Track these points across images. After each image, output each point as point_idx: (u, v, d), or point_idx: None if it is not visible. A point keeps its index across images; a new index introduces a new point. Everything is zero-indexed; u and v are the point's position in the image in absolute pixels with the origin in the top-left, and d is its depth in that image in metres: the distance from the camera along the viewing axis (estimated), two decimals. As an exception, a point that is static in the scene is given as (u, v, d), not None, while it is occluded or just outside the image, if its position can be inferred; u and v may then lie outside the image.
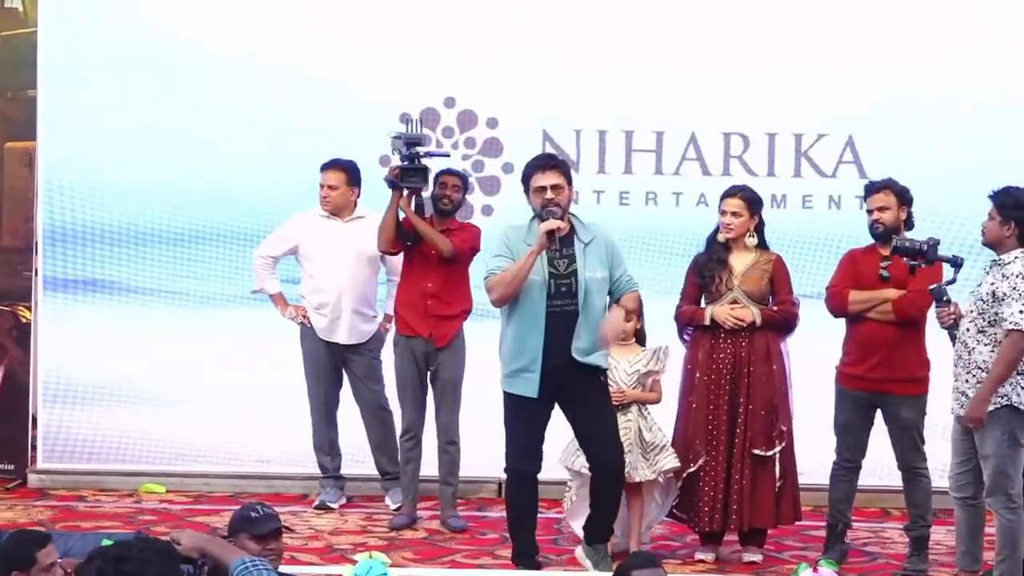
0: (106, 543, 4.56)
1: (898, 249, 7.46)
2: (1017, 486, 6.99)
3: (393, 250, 8.42)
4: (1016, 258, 6.98)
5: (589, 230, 7.42)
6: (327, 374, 8.91)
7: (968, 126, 9.16)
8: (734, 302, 7.78)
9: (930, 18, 9.21)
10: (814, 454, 8.04)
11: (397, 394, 8.57)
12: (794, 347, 7.90)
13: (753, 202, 7.86)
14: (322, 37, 9.35)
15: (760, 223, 7.90)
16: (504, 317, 7.45)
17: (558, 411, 7.48)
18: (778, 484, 7.75)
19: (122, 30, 9.40)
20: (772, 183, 9.24)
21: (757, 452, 7.71)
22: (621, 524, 7.74)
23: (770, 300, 7.83)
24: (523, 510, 7.55)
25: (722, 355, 7.76)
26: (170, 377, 9.42)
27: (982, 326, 6.99)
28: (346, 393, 8.98)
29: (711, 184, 9.07)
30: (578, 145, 9.39)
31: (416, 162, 8.21)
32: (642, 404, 7.82)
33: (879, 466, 8.15)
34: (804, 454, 7.90)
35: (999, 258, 7.04)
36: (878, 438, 7.78)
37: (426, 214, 8.42)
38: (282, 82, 9.34)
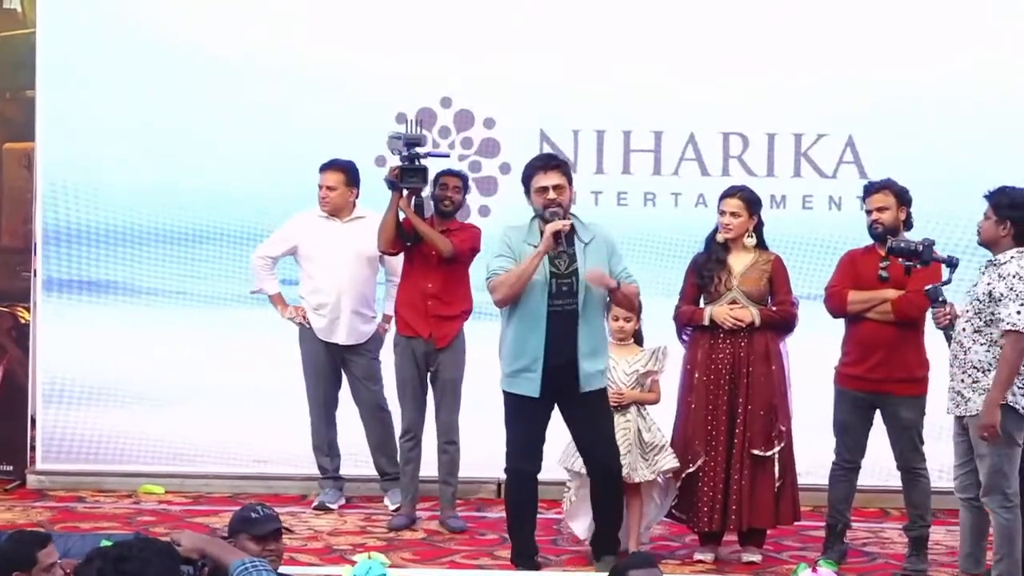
0: (105, 544, 4.55)
1: (893, 250, 7.46)
2: (1013, 485, 6.98)
3: (393, 250, 8.42)
4: (1012, 258, 6.97)
5: (589, 230, 7.42)
6: (326, 375, 8.90)
7: (968, 126, 9.15)
8: (733, 302, 7.77)
9: (930, 18, 9.20)
10: (813, 454, 8.03)
11: (397, 394, 8.57)
12: (793, 347, 7.89)
13: (752, 202, 7.85)
14: (322, 37, 9.34)
15: (759, 223, 7.89)
16: (504, 317, 7.44)
17: (558, 411, 7.48)
18: (777, 484, 7.75)
19: (121, 30, 9.39)
20: (772, 183, 9.23)
21: (756, 452, 7.71)
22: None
23: (769, 300, 7.83)
24: (523, 510, 7.55)
25: (721, 355, 7.75)
26: (169, 378, 9.42)
27: (978, 326, 6.99)
28: (345, 394, 8.98)
29: (710, 184, 9.05)
30: (576, 145, 9.36)
31: (416, 162, 8.20)
32: (641, 404, 7.81)
33: (878, 466, 8.14)
34: (803, 454, 7.89)
35: (995, 258, 7.04)
36: (877, 438, 7.78)
37: (426, 214, 8.42)
38: (282, 82, 9.33)
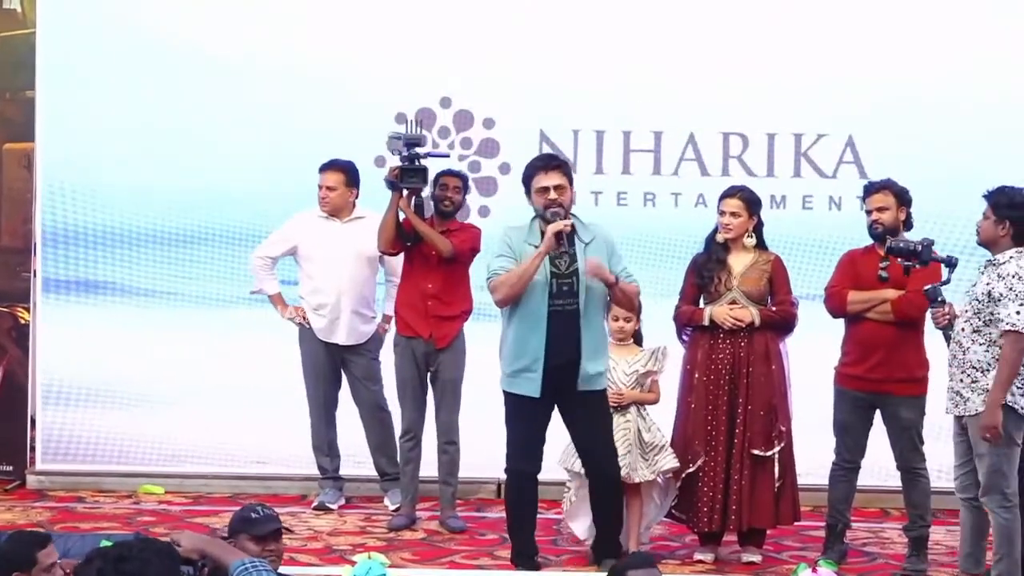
0: (105, 544, 4.55)
1: (892, 250, 7.45)
2: (1012, 485, 6.97)
3: (393, 251, 8.42)
4: (1011, 258, 6.98)
5: (590, 230, 7.41)
6: (326, 375, 8.90)
7: (968, 126, 9.15)
8: (733, 302, 7.77)
9: (930, 18, 9.20)
10: (813, 454, 8.02)
11: (397, 395, 8.56)
12: (793, 347, 7.89)
13: (752, 202, 7.85)
14: (322, 37, 9.34)
15: (759, 223, 7.89)
16: (505, 317, 7.44)
17: (558, 412, 7.48)
18: (777, 484, 7.74)
19: (121, 30, 9.39)
20: (772, 184, 9.23)
21: (756, 452, 7.70)
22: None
23: (769, 300, 7.83)
24: (523, 511, 7.54)
25: (721, 355, 7.75)
26: (169, 378, 9.41)
27: (977, 326, 6.99)
28: (345, 394, 8.98)
29: (710, 185, 9.05)
30: (576, 145, 9.35)
31: (416, 163, 8.20)
32: (641, 405, 7.81)
33: (878, 466, 8.14)
34: (803, 454, 7.89)
35: (994, 258, 7.04)
36: (877, 438, 7.77)
37: (426, 215, 8.42)
38: (282, 82, 9.33)
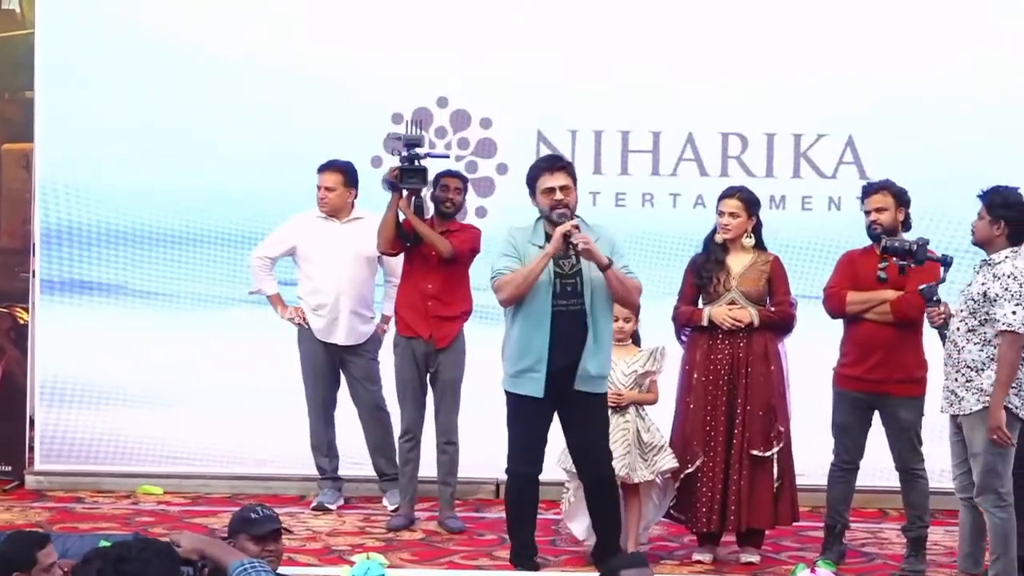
0: (104, 544, 4.55)
1: (888, 249, 7.46)
2: (1007, 484, 6.99)
3: (393, 251, 8.41)
4: (1006, 258, 6.99)
5: (593, 231, 7.39)
6: (325, 375, 8.90)
7: (968, 126, 9.15)
8: (732, 303, 7.77)
9: (930, 18, 9.19)
10: (812, 455, 8.01)
11: (397, 395, 8.56)
12: (792, 348, 7.88)
13: (751, 203, 7.85)
14: (321, 37, 9.33)
15: (758, 224, 7.89)
16: (509, 317, 7.42)
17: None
18: (776, 485, 7.74)
19: (121, 30, 9.38)
20: (771, 184, 9.22)
21: (755, 453, 7.71)
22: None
23: (767, 301, 7.83)
24: (522, 512, 7.52)
25: (720, 356, 7.75)
26: (168, 378, 9.41)
27: (972, 325, 7.00)
28: (344, 394, 8.98)
29: (709, 185, 9.04)
30: (574, 146, 9.33)
31: (415, 163, 8.19)
32: (640, 405, 7.81)
33: (877, 467, 8.12)
34: (802, 455, 7.88)
35: (989, 258, 7.05)
36: (876, 439, 7.77)
37: (425, 215, 8.41)
38: (282, 82, 9.32)
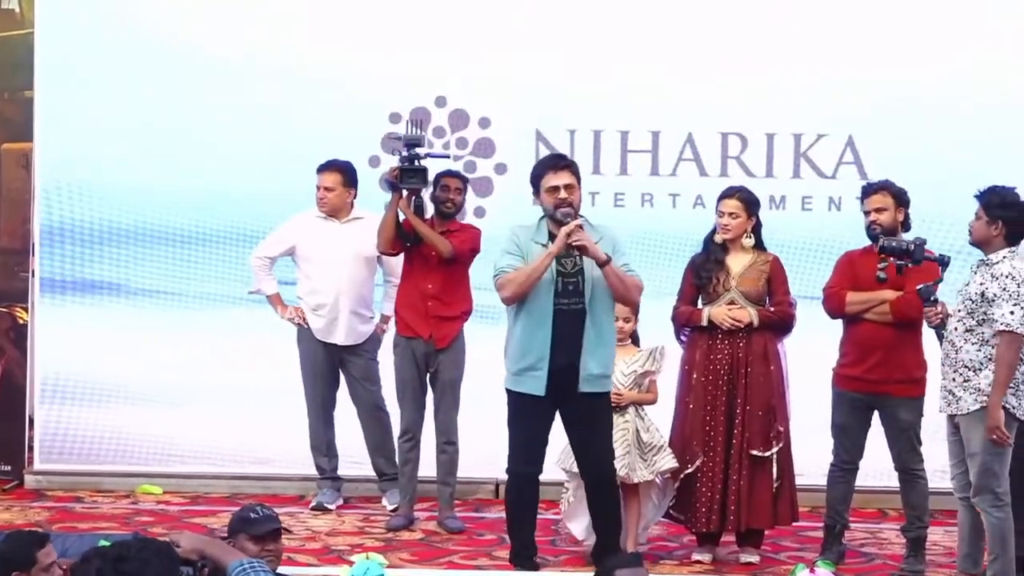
0: (103, 544, 4.55)
1: (885, 249, 7.45)
2: (1004, 484, 6.99)
3: (393, 251, 8.41)
4: (1004, 258, 6.99)
5: (596, 230, 7.39)
6: (324, 375, 8.90)
7: (968, 126, 9.14)
8: (731, 303, 7.77)
9: (930, 18, 9.19)
10: (811, 455, 8.01)
11: (396, 395, 8.56)
12: (792, 348, 7.89)
13: (750, 203, 7.85)
14: (321, 37, 9.32)
15: (757, 224, 7.89)
16: (511, 316, 7.42)
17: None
18: (775, 485, 7.75)
19: (121, 30, 9.37)
20: (771, 184, 9.22)
21: (754, 453, 7.71)
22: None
23: (767, 301, 7.83)
24: (522, 512, 7.52)
25: (719, 356, 7.75)
26: (167, 378, 9.40)
27: (970, 325, 7.00)
28: (343, 394, 8.98)
29: (708, 185, 9.03)
30: (572, 145, 9.30)
31: (416, 163, 8.19)
32: (639, 405, 7.81)
33: (876, 467, 8.13)
34: (801, 455, 7.89)
35: (987, 258, 7.05)
36: (875, 439, 7.77)
37: (425, 215, 8.41)
38: (282, 82, 9.31)
